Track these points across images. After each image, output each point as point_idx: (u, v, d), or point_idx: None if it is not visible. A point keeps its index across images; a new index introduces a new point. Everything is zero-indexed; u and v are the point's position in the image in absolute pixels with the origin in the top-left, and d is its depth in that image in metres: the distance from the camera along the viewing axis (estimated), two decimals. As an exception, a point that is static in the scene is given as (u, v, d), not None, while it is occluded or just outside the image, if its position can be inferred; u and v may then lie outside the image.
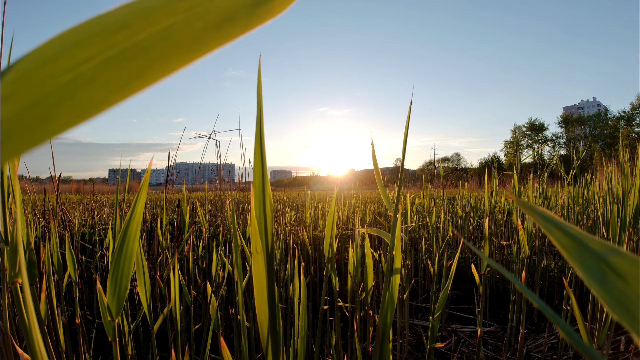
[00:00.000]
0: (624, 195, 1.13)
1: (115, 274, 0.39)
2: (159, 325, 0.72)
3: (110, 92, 0.09)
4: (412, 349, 1.47)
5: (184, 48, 0.10)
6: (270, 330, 0.41)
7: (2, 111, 0.08)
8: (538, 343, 1.47)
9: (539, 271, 1.75)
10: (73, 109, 0.09)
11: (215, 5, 0.11)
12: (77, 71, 0.09)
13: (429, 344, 0.72)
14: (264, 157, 0.33)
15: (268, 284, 0.40)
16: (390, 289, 0.52)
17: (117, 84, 0.09)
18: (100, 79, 0.09)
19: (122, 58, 0.09)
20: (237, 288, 0.51)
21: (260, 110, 0.30)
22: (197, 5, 0.11)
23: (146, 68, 0.09)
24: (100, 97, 0.09)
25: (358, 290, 1.09)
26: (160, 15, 0.10)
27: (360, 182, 14.25)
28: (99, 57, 0.09)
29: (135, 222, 0.40)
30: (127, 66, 0.09)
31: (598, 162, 2.17)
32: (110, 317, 0.42)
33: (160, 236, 1.43)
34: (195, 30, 0.10)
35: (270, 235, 0.38)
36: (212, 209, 3.18)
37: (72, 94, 0.09)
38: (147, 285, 0.58)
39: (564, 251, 0.14)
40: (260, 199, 0.35)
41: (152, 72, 0.09)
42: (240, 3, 0.12)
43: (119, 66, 0.09)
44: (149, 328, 1.52)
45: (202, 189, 5.73)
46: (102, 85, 0.09)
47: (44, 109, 0.09)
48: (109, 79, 0.09)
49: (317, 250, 2.06)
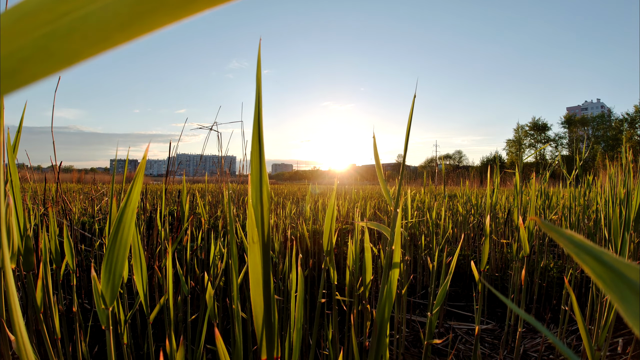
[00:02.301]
0: (628, 195, 1.12)
1: (109, 260, 0.39)
2: (155, 314, 0.72)
3: (86, 46, 0.08)
4: (409, 345, 1.48)
5: (172, 4, 0.09)
6: (265, 321, 0.41)
7: None
8: (535, 342, 1.47)
9: (538, 270, 1.75)
10: (47, 62, 0.08)
11: None
12: (55, 24, 0.09)
13: (426, 340, 0.71)
14: (261, 144, 0.32)
15: (263, 275, 0.39)
16: (389, 283, 0.51)
17: (95, 38, 0.09)
18: (77, 32, 0.08)
19: (103, 11, 0.09)
20: (232, 278, 0.51)
21: (259, 94, 0.30)
22: None
23: (127, 23, 0.09)
24: (75, 49, 0.08)
25: (356, 285, 1.09)
26: None
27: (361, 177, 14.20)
28: (78, 12, 0.09)
29: (130, 209, 0.39)
30: (106, 18, 0.09)
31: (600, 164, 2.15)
32: (104, 305, 0.41)
33: (160, 226, 1.43)
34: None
35: (267, 224, 0.37)
36: (212, 200, 3.17)
37: (46, 47, 0.08)
38: (144, 274, 0.57)
39: (600, 281, 0.13)
40: (257, 187, 0.35)
41: (135, 27, 0.09)
42: None
43: (99, 19, 0.09)
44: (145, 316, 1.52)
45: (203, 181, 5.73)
46: (79, 38, 0.08)
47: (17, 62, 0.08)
48: (87, 32, 0.09)
49: (316, 243, 2.06)
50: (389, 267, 0.52)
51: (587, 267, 0.13)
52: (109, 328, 0.44)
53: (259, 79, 0.28)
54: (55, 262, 0.83)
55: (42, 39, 0.09)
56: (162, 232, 1.42)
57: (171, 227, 2.12)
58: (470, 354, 1.40)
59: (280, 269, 1.45)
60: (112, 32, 0.09)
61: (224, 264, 1.21)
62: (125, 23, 0.09)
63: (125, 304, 1.07)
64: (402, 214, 2.21)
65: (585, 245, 0.14)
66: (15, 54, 0.08)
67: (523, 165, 1.70)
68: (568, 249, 0.14)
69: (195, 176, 7.61)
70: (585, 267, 0.13)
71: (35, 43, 0.08)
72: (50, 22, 0.09)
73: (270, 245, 0.45)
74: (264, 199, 0.35)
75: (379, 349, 0.57)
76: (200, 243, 1.59)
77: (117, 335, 0.99)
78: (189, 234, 1.37)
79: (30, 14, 0.09)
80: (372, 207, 3.14)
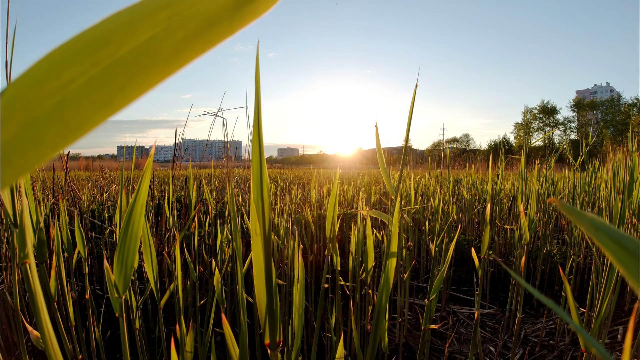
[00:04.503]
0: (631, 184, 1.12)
1: (121, 252, 0.41)
2: (165, 300, 0.75)
3: (94, 112, 0.09)
4: (412, 328, 1.51)
5: (163, 60, 0.10)
6: (267, 309, 0.43)
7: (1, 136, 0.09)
8: (536, 327, 1.50)
9: (541, 256, 1.76)
10: (61, 131, 0.09)
11: (196, 11, 0.11)
12: (63, 93, 0.09)
13: (424, 325, 0.74)
14: (261, 148, 0.34)
15: (265, 265, 0.41)
16: (386, 272, 0.53)
17: (100, 103, 0.09)
18: (84, 99, 0.09)
19: (104, 76, 0.10)
20: (236, 267, 0.53)
21: (258, 103, 0.31)
22: (178, 12, 0.11)
23: (126, 85, 0.10)
24: (86, 117, 0.09)
25: (359, 270, 1.11)
26: (142, 28, 0.10)
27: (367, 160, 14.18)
28: (83, 77, 0.09)
29: (140, 203, 0.41)
30: (108, 84, 0.09)
31: (609, 149, 2.13)
32: (117, 294, 0.44)
33: (168, 213, 1.46)
34: (176, 41, 0.10)
35: (268, 219, 0.39)
36: (219, 186, 3.21)
37: (60, 116, 0.09)
38: (154, 262, 0.60)
39: (622, 267, 0.13)
40: (258, 186, 0.36)
41: (132, 89, 0.10)
42: (222, 6, 0.12)
43: (101, 85, 0.09)
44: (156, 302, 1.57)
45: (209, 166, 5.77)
46: (87, 105, 0.09)
47: (35, 133, 0.09)
48: (93, 99, 0.09)
49: (321, 228, 2.09)
50: (387, 256, 0.54)
51: (607, 251, 0.13)
52: (122, 316, 0.47)
53: (258, 90, 0.29)
54: (67, 251, 0.86)
55: (55, 109, 0.09)
56: (170, 219, 1.46)
57: (179, 213, 2.16)
58: (471, 338, 1.43)
59: (285, 255, 1.48)
60: (112, 97, 0.10)
61: (231, 250, 1.24)
62: (123, 85, 0.10)
63: (136, 289, 1.11)
64: (405, 200, 2.22)
65: (606, 229, 0.13)
66: (33, 125, 0.09)
67: (531, 149, 1.70)
68: (589, 232, 0.14)
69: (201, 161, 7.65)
70: (606, 250, 0.13)
71: (50, 113, 0.09)
72: (59, 90, 0.09)
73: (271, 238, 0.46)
74: (264, 197, 0.36)
75: (377, 332, 0.60)
76: (207, 229, 1.62)
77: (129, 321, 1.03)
78: (197, 220, 1.40)
79: (38, 83, 0.09)
80: (377, 193, 3.16)
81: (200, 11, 0.11)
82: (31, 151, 0.09)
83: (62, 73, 0.09)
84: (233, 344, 0.47)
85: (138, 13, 0.10)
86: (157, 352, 1.18)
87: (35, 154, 0.09)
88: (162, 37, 0.10)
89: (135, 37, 0.10)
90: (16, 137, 0.09)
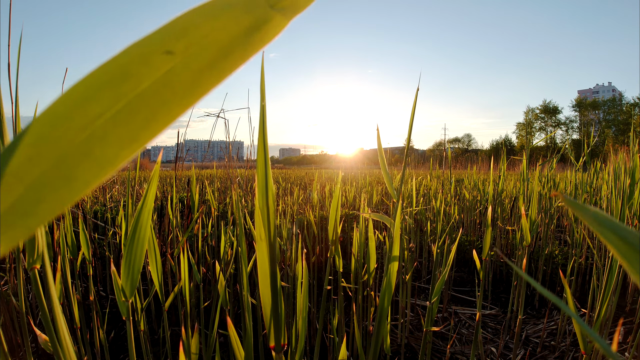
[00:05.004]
0: (632, 186, 1.12)
1: (128, 258, 0.42)
2: (169, 302, 0.76)
3: (121, 148, 0.10)
4: (414, 328, 1.52)
5: (182, 93, 0.10)
6: (272, 313, 0.44)
7: (29, 174, 0.09)
8: (537, 328, 1.50)
9: (542, 257, 1.77)
10: (92, 168, 0.09)
11: (210, 41, 0.12)
12: (91, 128, 0.10)
13: (426, 327, 0.75)
14: (267, 158, 0.35)
15: (271, 270, 0.42)
16: (388, 275, 0.54)
17: (127, 138, 0.10)
18: (111, 134, 0.10)
19: (128, 111, 0.10)
20: (242, 271, 0.54)
21: (264, 116, 0.32)
22: (194, 43, 0.11)
23: (150, 119, 0.10)
24: (113, 153, 0.10)
25: (361, 272, 1.12)
26: (159, 60, 0.10)
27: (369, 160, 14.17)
28: (108, 113, 0.10)
29: (147, 209, 0.42)
30: (133, 119, 0.10)
31: (610, 149, 2.12)
32: (124, 298, 0.45)
33: (171, 214, 1.47)
34: (193, 72, 0.11)
35: (273, 225, 0.40)
36: (221, 187, 3.22)
37: (90, 152, 0.09)
38: (159, 266, 0.61)
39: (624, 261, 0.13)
40: (263, 193, 0.37)
41: (156, 123, 0.10)
42: (234, 33, 0.12)
43: (126, 120, 0.10)
44: (160, 303, 1.58)
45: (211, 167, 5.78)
46: (114, 141, 0.10)
47: (67, 169, 0.09)
48: (120, 134, 0.10)
49: (323, 229, 2.09)
50: (389, 260, 0.55)
51: (611, 245, 0.13)
52: (129, 319, 0.47)
53: (263, 100, 0.30)
54: (72, 253, 0.87)
55: (85, 145, 0.09)
56: (173, 221, 1.47)
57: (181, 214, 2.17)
58: (472, 339, 1.44)
59: (288, 256, 1.49)
60: (139, 131, 0.10)
61: (234, 251, 1.25)
62: (148, 120, 0.10)
63: (141, 290, 1.12)
64: (407, 201, 2.23)
65: (610, 223, 0.14)
66: (64, 161, 0.09)
67: (533, 148, 1.70)
68: (592, 226, 0.14)
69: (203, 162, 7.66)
70: (610, 245, 0.13)
71: (80, 149, 0.09)
72: (87, 126, 0.09)
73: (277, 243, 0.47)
74: (269, 203, 0.37)
75: (380, 333, 0.61)
76: (210, 230, 1.63)
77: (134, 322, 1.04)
78: (200, 222, 1.41)
79: (65, 119, 0.09)
80: (379, 194, 3.16)
81: (215, 41, 0.12)
82: (64, 188, 0.09)
83: (88, 108, 0.10)
84: (238, 346, 0.48)
85: (155, 45, 0.11)
86: (161, 353, 1.19)
87: (68, 191, 0.09)
88: (179, 69, 0.11)
89: (154, 71, 0.11)
90: (48, 174, 0.09)
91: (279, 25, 0.14)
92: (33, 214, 0.09)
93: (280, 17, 0.14)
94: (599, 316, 0.72)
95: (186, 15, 0.12)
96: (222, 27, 0.12)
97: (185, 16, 0.12)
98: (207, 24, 0.12)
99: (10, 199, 0.09)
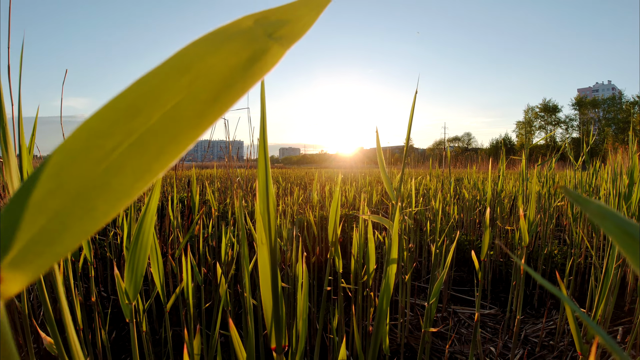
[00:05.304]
0: (630, 186, 1.13)
1: (131, 263, 0.43)
2: (171, 303, 0.77)
3: (136, 180, 0.10)
4: (413, 328, 1.53)
5: (189, 126, 0.11)
6: (273, 316, 0.45)
7: (51, 205, 0.09)
8: (536, 328, 1.51)
9: (542, 257, 1.78)
10: (110, 199, 0.10)
11: (212, 75, 0.12)
12: (107, 162, 0.10)
13: (424, 328, 0.75)
14: (267, 165, 0.35)
15: (272, 275, 0.43)
16: (387, 278, 0.55)
17: (140, 170, 0.10)
18: (127, 167, 0.10)
19: (141, 144, 0.11)
20: (244, 275, 0.55)
21: (264, 128, 0.32)
22: (198, 77, 0.12)
23: (161, 151, 0.11)
24: (129, 184, 0.10)
25: (361, 273, 1.13)
26: (167, 95, 0.11)
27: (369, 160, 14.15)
28: (122, 146, 0.10)
29: (149, 215, 0.43)
30: (146, 152, 0.11)
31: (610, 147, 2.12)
32: (127, 301, 0.45)
33: (172, 215, 1.48)
34: (198, 106, 0.12)
35: (274, 231, 0.41)
36: (221, 187, 3.23)
37: (107, 184, 0.10)
38: (161, 268, 0.62)
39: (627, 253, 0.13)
40: (264, 200, 0.38)
41: (167, 155, 0.11)
42: (235, 65, 0.13)
43: (140, 153, 0.11)
44: (160, 303, 1.59)
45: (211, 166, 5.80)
46: (130, 173, 0.10)
47: (87, 200, 0.10)
48: (134, 167, 0.10)
49: (323, 229, 2.10)
50: (387, 263, 0.56)
51: (613, 237, 0.14)
52: (133, 321, 0.48)
53: (263, 110, 0.31)
54: (74, 255, 0.88)
55: (102, 177, 0.10)
56: (174, 222, 1.48)
57: (182, 214, 2.18)
58: (471, 338, 1.45)
59: (288, 257, 1.50)
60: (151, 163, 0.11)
61: (234, 253, 1.26)
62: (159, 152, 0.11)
63: (142, 291, 1.13)
64: (407, 201, 2.23)
65: (612, 216, 0.14)
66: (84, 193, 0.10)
67: (533, 147, 1.71)
68: (595, 219, 0.14)
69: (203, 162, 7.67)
70: (612, 236, 0.14)
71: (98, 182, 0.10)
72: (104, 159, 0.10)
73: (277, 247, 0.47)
74: (270, 209, 0.38)
75: (378, 335, 0.62)
76: (210, 231, 1.64)
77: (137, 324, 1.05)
78: (200, 223, 1.42)
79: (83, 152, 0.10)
80: (379, 193, 3.17)
81: (216, 75, 0.13)
82: (85, 218, 0.10)
83: (103, 142, 0.10)
84: (240, 348, 0.49)
85: (162, 79, 0.12)
86: (162, 353, 1.20)
87: (90, 221, 0.10)
88: (185, 104, 0.12)
89: (163, 105, 0.11)
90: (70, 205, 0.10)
91: (276, 55, 0.15)
92: (58, 243, 0.10)
93: (278, 46, 0.15)
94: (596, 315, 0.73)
95: (188, 49, 0.13)
96: (223, 60, 0.13)
97: (188, 50, 0.13)
98: (209, 58, 0.13)
99: (34, 229, 0.09)
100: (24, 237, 0.09)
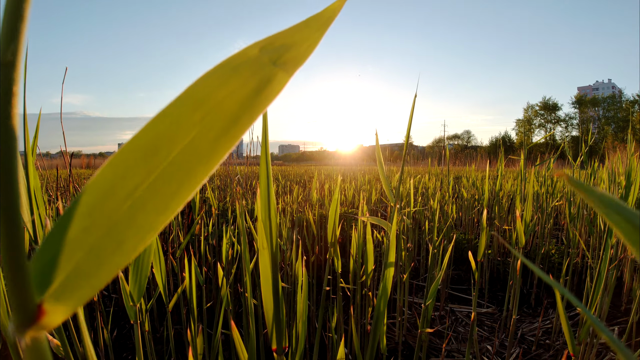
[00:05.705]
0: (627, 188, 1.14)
1: (136, 265, 0.44)
2: (173, 303, 0.78)
3: (158, 214, 0.11)
4: (411, 327, 1.54)
5: (203, 160, 0.12)
6: (274, 318, 0.46)
7: (86, 241, 0.10)
8: (533, 327, 1.53)
9: (539, 256, 1.79)
10: (137, 233, 0.11)
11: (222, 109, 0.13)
12: (131, 199, 0.11)
13: (420, 329, 0.77)
14: (269, 173, 0.37)
15: (272, 277, 0.44)
16: (384, 279, 0.56)
17: (162, 206, 0.11)
18: (150, 203, 0.11)
19: (161, 181, 0.12)
20: (245, 277, 0.56)
21: (266, 137, 0.34)
22: (208, 112, 0.13)
23: (180, 186, 0.12)
24: (153, 219, 0.11)
25: (359, 272, 1.14)
26: (182, 133, 0.12)
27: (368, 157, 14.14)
28: (144, 183, 0.11)
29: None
30: (167, 188, 0.11)
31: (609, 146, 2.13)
32: (132, 303, 0.47)
33: (172, 215, 1.49)
34: (210, 141, 0.12)
35: (275, 236, 0.42)
36: (221, 184, 3.24)
37: (134, 220, 0.11)
38: (163, 269, 0.63)
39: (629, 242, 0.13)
40: (266, 207, 0.39)
41: (186, 189, 0.12)
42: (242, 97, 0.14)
43: (161, 190, 0.11)
44: (162, 302, 1.60)
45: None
46: (152, 209, 0.11)
47: (117, 235, 0.11)
48: (156, 203, 0.11)
49: (323, 228, 2.11)
50: (385, 265, 0.57)
51: (615, 226, 0.14)
52: (137, 322, 0.50)
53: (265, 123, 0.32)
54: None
55: (129, 213, 0.11)
56: (174, 221, 1.49)
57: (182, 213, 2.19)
58: (468, 337, 1.46)
59: (288, 256, 1.51)
60: (172, 198, 0.11)
61: (235, 252, 1.27)
62: (179, 186, 0.12)
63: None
64: (406, 200, 2.25)
65: (615, 205, 0.14)
66: (115, 229, 0.10)
67: (533, 146, 1.72)
68: (597, 208, 0.14)
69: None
70: (614, 225, 0.14)
71: (126, 218, 0.11)
72: (129, 197, 0.11)
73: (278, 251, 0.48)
74: (272, 215, 0.39)
75: (376, 335, 0.63)
76: (211, 230, 1.65)
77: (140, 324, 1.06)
78: (201, 222, 1.43)
79: (110, 191, 0.11)
80: (378, 192, 3.18)
81: (226, 108, 0.14)
82: (117, 252, 0.11)
83: (128, 181, 0.11)
84: (242, 349, 0.50)
85: (176, 117, 0.13)
86: (164, 352, 1.21)
87: (121, 254, 0.11)
88: (198, 140, 0.13)
89: (178, 142, 0.12)
90: (102, 240, 0.11)
91: (281, 82, 0.16)
92: (94, 276, 0.11)
93: (283, 73, 0.16)
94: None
95: (199, 84, 0.14)
96: (231, 93, 0.14)
97: (198, 85, 0.14)
98: (218, 92, 0.14)
99: (72, 263, 0.10)
100: (63, 271, 0.10)
